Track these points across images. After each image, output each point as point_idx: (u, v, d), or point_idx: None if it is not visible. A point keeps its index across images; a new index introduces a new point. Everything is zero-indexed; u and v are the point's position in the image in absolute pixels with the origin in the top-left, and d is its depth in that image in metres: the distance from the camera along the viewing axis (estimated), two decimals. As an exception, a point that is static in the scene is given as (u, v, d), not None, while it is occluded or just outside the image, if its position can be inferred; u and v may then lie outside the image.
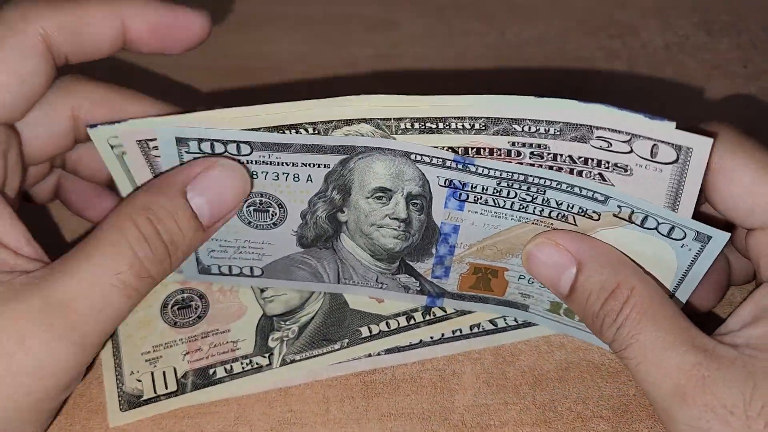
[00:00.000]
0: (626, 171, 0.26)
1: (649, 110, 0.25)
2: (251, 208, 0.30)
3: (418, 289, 0.33)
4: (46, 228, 0.36)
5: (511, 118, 0.26)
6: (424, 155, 0.28)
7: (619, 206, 0.27)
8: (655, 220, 0.27)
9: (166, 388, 0.31)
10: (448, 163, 0.28)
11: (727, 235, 0.26)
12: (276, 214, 0.30)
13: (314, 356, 0.32)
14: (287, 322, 0.33)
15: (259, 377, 0.32)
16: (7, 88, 0.25)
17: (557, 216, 0.29)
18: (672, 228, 0.27)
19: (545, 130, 0.26)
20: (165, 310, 0.33)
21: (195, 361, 0.32)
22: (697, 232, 0.27)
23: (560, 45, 0.45)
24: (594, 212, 0.28)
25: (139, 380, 0.31)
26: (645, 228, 0.27)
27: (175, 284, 0.34)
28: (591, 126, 0.25)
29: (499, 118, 0.26)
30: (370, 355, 0.33)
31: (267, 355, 0.32)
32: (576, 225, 0.29)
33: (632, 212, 0.27)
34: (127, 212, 0.26)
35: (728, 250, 0.31)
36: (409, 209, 0.30)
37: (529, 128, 0.26)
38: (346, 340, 0.33)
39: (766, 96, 0.42)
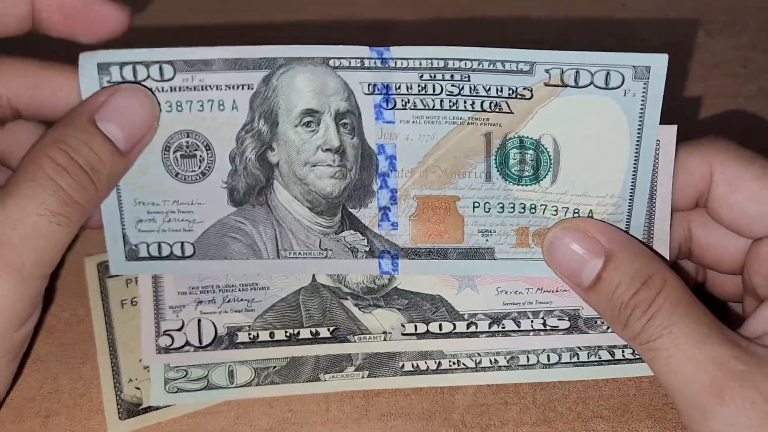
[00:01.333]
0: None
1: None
2: (178, 154, 0.29)
3: (367, 249, 0.30)
4: None
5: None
6: (342, 57, 0.27)
7: (547, 70, 0.27)
8: (588, 72, 0.26)
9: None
10: (366, 63, 0.27)
11: (665, 55, 0.26)
12: (204, 159, 0.29)
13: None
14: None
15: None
16: None
17: (490, 106, 0.28)
18: (607, 74, 0.26)
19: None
20: None
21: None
22: (634, 67, 0.26)
23: (560, 45, 0.45)
24: (525, 89, 0.27)
25: (138, 388, 0.31)
26: (581, 87, 0.27)
27: None
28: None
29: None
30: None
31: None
32: (512, 113, 0.28)
33: (562, 72, 0.27)
34: (40, 147, 0.26)
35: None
36: (341, 133, 0.28)
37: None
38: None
39: (766, 96, 0.42)
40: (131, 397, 0.31)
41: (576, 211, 0.29)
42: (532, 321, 0.31)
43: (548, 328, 0.30)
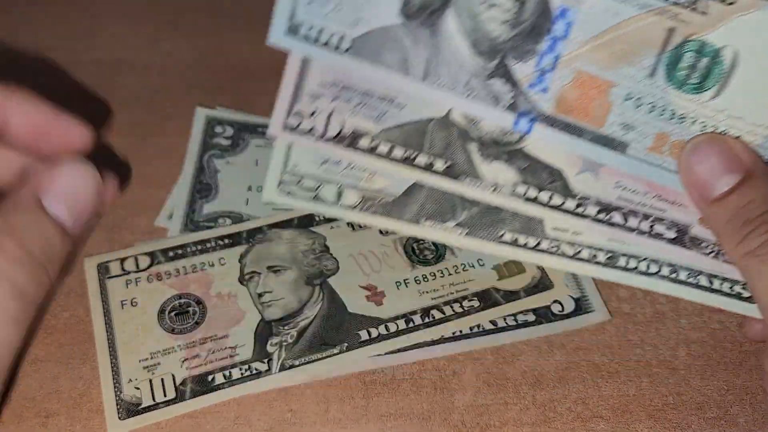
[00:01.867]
0: None
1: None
2: None
3: (510, 103, 0.29)
4: None
5: None
6: None
7: None
8: None
9: (165, 395, 0.31)
10: None
11: None
12: None
13: (313, 360, 0.32)
14: (286, 327, 0.33)
15: (258, 383, 0.31)
16: None
17: (687, 2, 0.27)
18: None
19: None
20: (162, 316, 0.33)
21: (194, 367, 0.32)
22: None
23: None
24: None
25: (138, 388, 0.31)
26: None
27: (172, 289, 0.34)
28: None
29: None
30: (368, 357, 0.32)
31: (266, 360, 0.32)
32: (705, 14, 0.27)
33: None
34: None
35: None
36: None
37: None
38: (346, 344, 0.33)
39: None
40: (131, 397, 0.31)
41: (724, 132, 0.29)
42: (640, 221, 0.30)
43: (653, 233, 0.30)
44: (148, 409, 0.30)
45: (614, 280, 0.30)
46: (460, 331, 0.33)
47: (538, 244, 0.31)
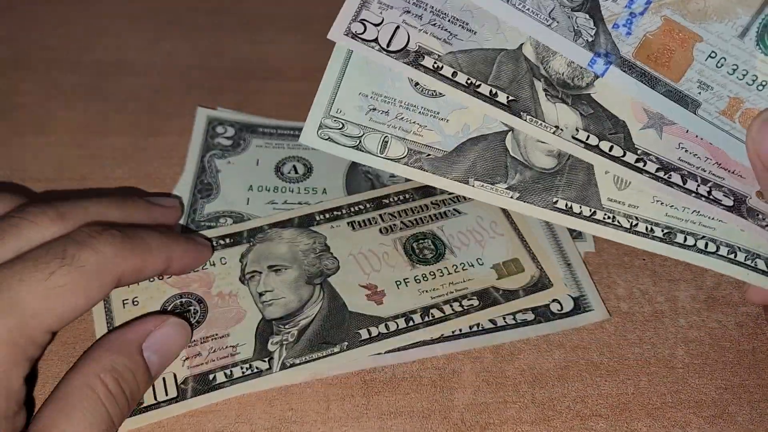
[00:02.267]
0: None
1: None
2: None
3: (590, 40, 0.29)
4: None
5: None
6: None
7: None
8: None
9: (167, 394, 0.31)
10: None
11: None
12: None
13: (314, 359, 0.32)
14: (286, 326, 0.33)
15: (259, 382, 0.31)
16: (76, 309, 0.28)
17: None
18: None
19: None
20: None
21: (195, 366, 0.32)
22: None
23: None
24: None
25: None
26: None
27: (173, 288, 0.34)
28: None
29: None
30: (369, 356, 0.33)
31: (267, 359, 0.32)
32: None
33: None
34: (94, 372, 0.28)
35: None
36: None
37: None
38: (346, 343, 0.33)
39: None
40: None
41: None
42: (698, 185, 0.30)
43: (711, 198, 0.30)
44: (150, 407, 0.30)
45: (671, 255, 0.30)
46: (460, 330, 0.33)
47: (593, 213, 0.30)
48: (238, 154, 0.41)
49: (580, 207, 0.30)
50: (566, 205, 0.30)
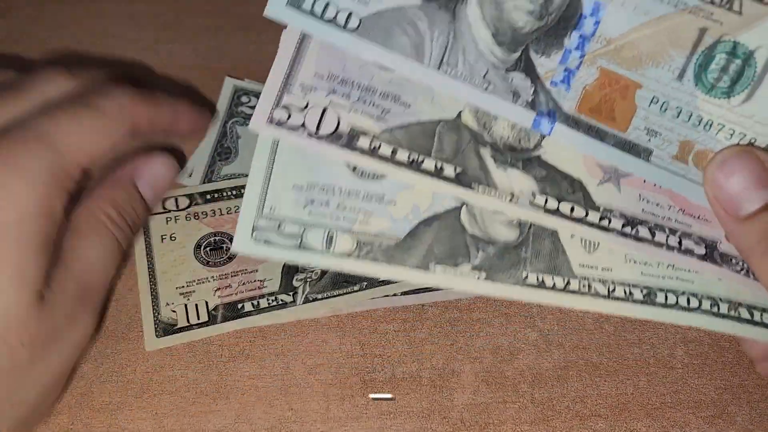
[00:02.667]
0: None
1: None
2: None
3: (530, 99, 0.28)
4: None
5: None
6: None
7: None
8: None
9: (198, 318, 0.34)
10: None
11: None
12: None
13: (334, 296, 0.34)
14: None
15: (283, 313, 0.34)
16: (101, 149, 0.30)
17: (720, 1, 0.26)
18: None
19: None
20: (198, 251, 0.36)
21: (225, 296, 0.34)
22: None
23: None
24: None
25: (174, 311, 0.34)
26: None
27: (208, 228, 0.36)
28: None
29: None
30: (386, 296, 0.34)
31: (291, 293, 0.34)
32: (741, 14, 0.26)
33: None
34: (99, 206, 0.32)
35: None
36: None
37: None
38: (365, 283, 0.34)
39: None
40: (168, 318, 0.34)
41: (753, 140, 0.27)
42: (668, 236, 0.28)
43: (683, 248, 0.28)
44: (183, 329, 0.33)
45: (656, 318, 0.28)
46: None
47: (567, 284, 0.28)
48: None
49: (553, 278, 0.28)
50: (537, 278, 0.28)
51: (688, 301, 0.29)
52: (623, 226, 0.28)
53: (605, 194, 0.28)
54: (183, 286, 0.34)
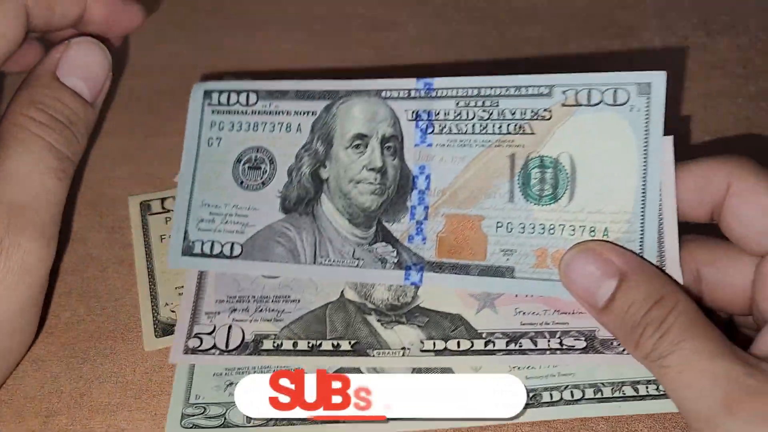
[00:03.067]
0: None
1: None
2: (246, 165, 0.34)
3: (396, 260, 0.32)
4: None
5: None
6: (393, 89, 0.33)
7: (564, 92, 0.30)
8: (598, 91, 0.30)
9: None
10: (412, 93, 0.32)
11: (663, 73, 0.29)
12: (266, 171, 0.33)
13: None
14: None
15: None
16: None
17: (515, 128, 0.31)
18: (615, 91, 0.30)
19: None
20: None
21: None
22: (637, 83, 0.29)
23: (560, 45, 0.45)
24: (545, 110, 0.30)
25: (173, 311, 0.34)
26: (593, 105, 0.30)
27: None
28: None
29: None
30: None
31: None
32: (534, 134, 0.31)
33: (577, 93, 0.30)
34: (15, 109, 0.28)
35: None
36: (384, 155, 0.32)
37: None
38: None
39: (766, 96, 0.42)
40: (167, 319, 0.34)
41: (592, 229, 0.30)
42: (548, 340, 0.30)
43: (564, 347, 0.30)
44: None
45: (542, 418, 0.30)
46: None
47: None
48: None
49: None
50: None
51: (572, 393, 0.30)
52: (507, 344, 0.31)
53: (484, 320, 0.31)
54: (182, 286, 0.34)
